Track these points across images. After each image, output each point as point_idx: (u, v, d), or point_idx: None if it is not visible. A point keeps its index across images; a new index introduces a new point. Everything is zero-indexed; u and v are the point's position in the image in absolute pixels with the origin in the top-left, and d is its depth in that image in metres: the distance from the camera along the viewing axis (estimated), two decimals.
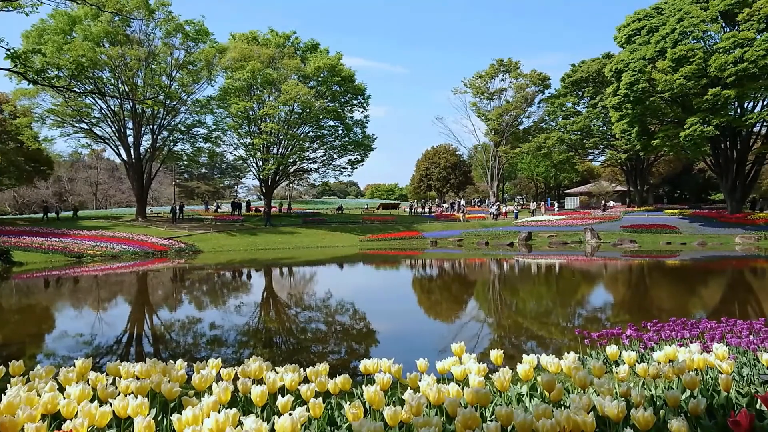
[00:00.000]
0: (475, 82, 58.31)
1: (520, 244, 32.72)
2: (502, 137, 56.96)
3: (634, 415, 2.49)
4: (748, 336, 5.98)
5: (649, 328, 6.60)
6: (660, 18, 35.86)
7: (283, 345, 9.38)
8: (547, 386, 3.03)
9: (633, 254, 26.79)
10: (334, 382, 3.36)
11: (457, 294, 16.25)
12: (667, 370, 3.39)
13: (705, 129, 31.69)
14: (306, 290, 17.08)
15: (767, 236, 30.34)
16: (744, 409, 2.27)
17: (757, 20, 31.10)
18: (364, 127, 45.46)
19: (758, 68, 29.51)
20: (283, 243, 33.25)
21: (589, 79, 50.51)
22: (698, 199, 60.50)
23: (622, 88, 34.88)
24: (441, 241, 35.22)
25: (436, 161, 73.44)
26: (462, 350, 3.87)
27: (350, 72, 42.80)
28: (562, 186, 70.98)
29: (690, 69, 31.52)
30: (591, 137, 51.12)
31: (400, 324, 11.29)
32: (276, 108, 39.66)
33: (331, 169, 47.39)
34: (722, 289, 16.17)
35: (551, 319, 11.75)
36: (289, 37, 43.63)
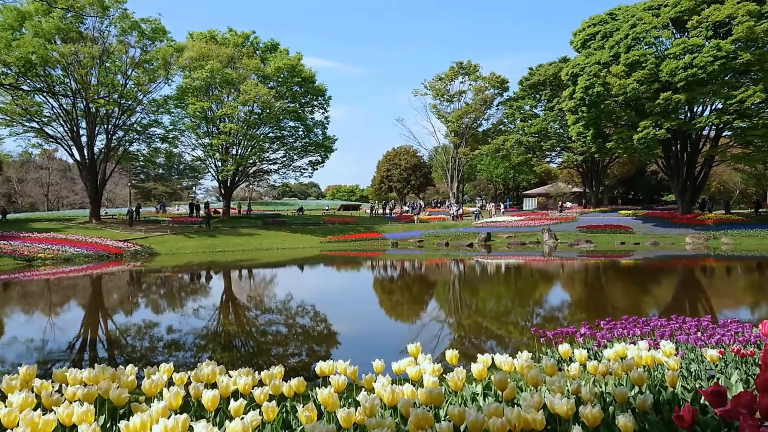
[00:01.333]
0: (435, 84, 58.76)
1: (480, 245, 33.07)
2: (461, 139, 57.53)
3: (583, 412, 2.54)
4: (696, 333, 6.17)
5: (603, 327, 6.76)
6: (614, 24, 36.78)
7: (243, 348, 9.26)
8: (499, 385, 3.07)
9: (589, 254, 27.38)
10: (289, 385, 3.33)
11: (417, 295, 16.32)
12: (616, 367, 3.47)
13: (657, 132, 32.63)
14: (266, 292, 16.90)
15: (716, 236, 31.41)
16: (687, 404, 2.33)
17: (705, 27, 32.18)
18: (325, 128, 45.35)
19: (706, 74, 30.52)
20: (243, 245, 32.85)
21: (547, 83, 51.52)
22: (651, 200, 62.29)
23: (578, 92, 35.64)
24: (401, 242, 35.34)
25: (397, 162, 73.65)
26: (418, 351, 3.88)
27: (311, 73, 42.61)
28: (521, 187, 72.14)
29: (642, 74, 32.41)
30: (548, 139, 52.12)
31: (361, 325, 11.28)
32: (235, 108, 39.19)
33: (291, 170, 47.14)
34: (673, 288, 16.65)
35: (510, 319, 11.91)
36: (248, 36, 43.19)
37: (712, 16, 31.72)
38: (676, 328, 6.58)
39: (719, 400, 2.31)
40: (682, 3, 33.65)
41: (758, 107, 32.89)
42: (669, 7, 34.44)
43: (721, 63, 30.05)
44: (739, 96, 30.64)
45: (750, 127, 32.35)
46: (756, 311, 12.51)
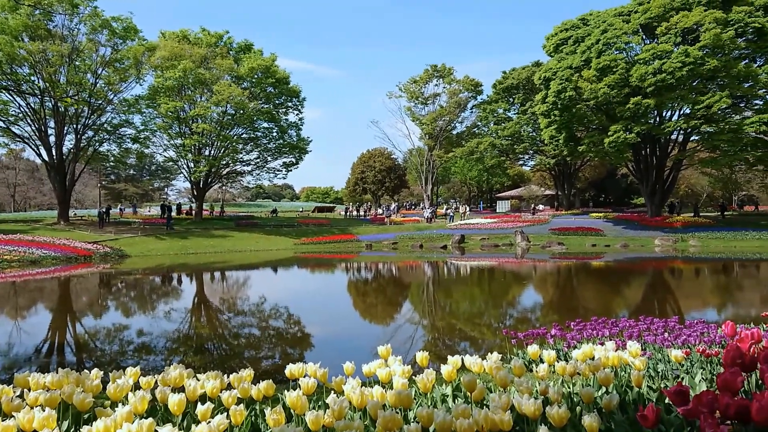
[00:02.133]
0: (409, 86, 58.93)
1: (454, 247, 33.23)
2: (436, 141, 57.78)
3: (549, 413, 2.57)
4: (663, 333, 6.28)
5: (573, 328, 6.84)
6: (586, 29, 37.31)
7: (215, 351, 9.16)
8: (468, 386, 3.08)
9: (561, 256, 27.70)
10: (258, 388, 3.30)
11: (392, 297, 16.34)
12: (584, 368, 3.51)
13: (627, 136, 33.18)
14: (239, 295, 16.75)
15: (683, 238, 32.04)
16: (651, 404, 2.37)
17: (674, 34, 32.84)
18: (299, 130, 45.16)
19: (675, 79, 31.14)
20: (216, 246, 32.51)
21: (520, 86, 52.06)
22: (621, 202, 63.37)
23: (551, 96, 36.06)
24: (376, 244, 35.34)
25: (372, 165, 73.75)
26: (388, 353, 3.88)
27: (285, 74, 42.41)
28: (494, 190, 72.74)
29: (613, 78, 32.93)
30: (521, 142, 52.66)
31: (335, 327, 11.24)
32: (208, 109, 38.80)
33: (265, 171, 46.84)
34: (642, 289, 16.93)
35: (483, 320, 11.99)
36: (221, 36, 42.83)
37: (680, 23, 32.38)
38: (644, 329, 6.69)
39: (682, 399, 2.35)
40: (651, 10, 34.29)
41: (724, 112, 33.64)
42: (639, 14, 35.07)
43: (689, 69, 30.68)
44: (707, 101, 31.32)
45: (717, 132, 33.07)
46: (722, 312, 12.78)
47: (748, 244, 30.07)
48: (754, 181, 54.31)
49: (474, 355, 3.82)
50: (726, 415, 2.16)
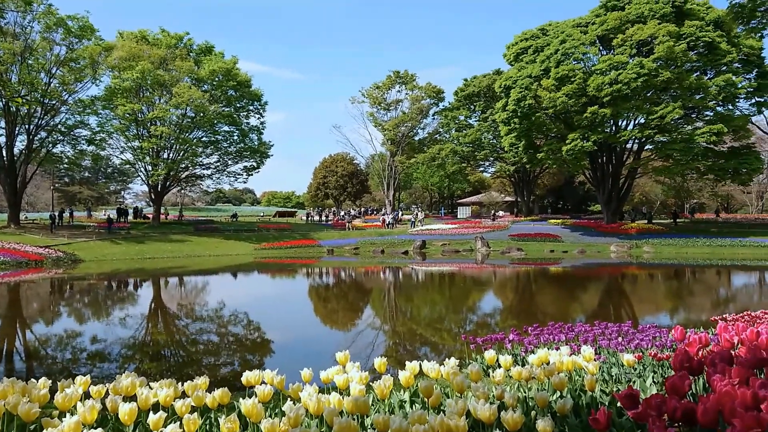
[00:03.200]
0: (372, 92, 59.07)
1: (415, 252, 33.38)
2: (398, 147, 58.03)
3: (504, 417, 2.59)
4: (617, 338, 6.42)
5: (530, 333, 6.94)
6: (545, 39, 38.06)
7: (172, 358, 8.99)
8: (425, 392, 3.10)
9: (520, 261, 28.10)
10: (213, 396, 3.24)
11: (353, 302, 16.31)
12: (539, 372, 3.57)
13: (584, 144, 33.93)
14: (198, 300, 16.46)
15: (638, 245, 32.88)
16: (603, 407, 2.42)
17: (629, 46, 33.78)
18: (261, 134, 44.75)
19: (630, 90, 32.01)
20: (174, 251, 31.91)
21: (481, 94, 52.71)
22: (579, 209, 64.68)
23: (511, 104, 36.62)
24: (337, 249, 35.25)
25: (334, 169, 73.56)
26: (347, 359, 3.87)
27: (246, 77, 42.01)
28: (455, 196, 73.36)
29: (571, 88, 33.64)
30: (482, 149, 53.29)
31: (295, 333, 11.16)
32: (167, 111, 38.12)
33: (225, 175, 46.22)
34: (599, 294, 17.31)
35: (444, 326, 12.06)
36: (181, 38, 42.15)
37: (635, 35, 33.33)
38: (599, 334, 6.82)
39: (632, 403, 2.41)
40: (608, 22, 35.21)
41: (677, 123, 34.73)
42: (596, 25, 35.98)
43: (643, 80, 31.58)
44: (660, 112, 32.29)
45: (669, 142, 34.09)
46: (675, 316, 13.17)
47: (698, 251, 31.05)
48: (704, 189, 56.12)
49: (434, 360, 3.84)
50: (673, 417, 2.21)
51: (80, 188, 73.45)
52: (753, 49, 34.15)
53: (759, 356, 3.04)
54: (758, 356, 3.04)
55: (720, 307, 13.71)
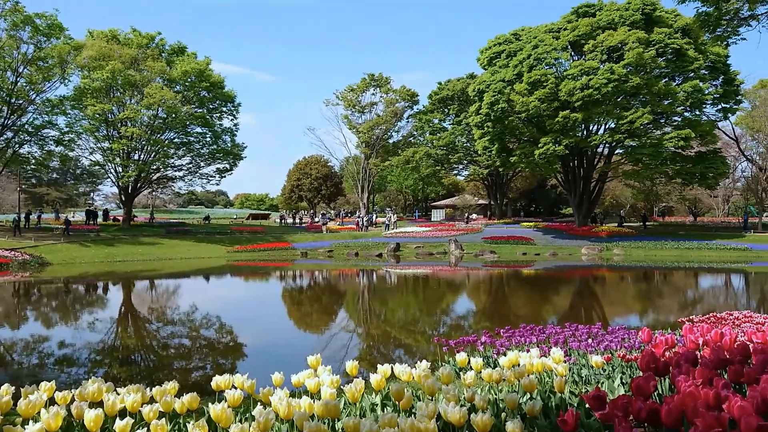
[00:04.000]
0: (346, 95, 59.01)
1: (389, 255, 33.40)
2: (372, 150, 58.06)
3: (474, 419, 2.61)
4: (587, 340, 6.51)
5: (502, 335, 6.99)
6: (518, 44, 38.44)
7: (142, 363, 8.87)
8: (396, 395, 3.10)
9: (493, 264, 28.31)
10: (182, 401, 3.20)
11: (327, 305, 16.26)
12: (509, 374, 3.60)
13: (556, 148, 34.35)
14: (169, 304, 16.24)
15: (608, 248, 33.38)
16: (571, 409, 2.45)
17: (600, 52, 34.33)
18: (234, 135, 44.33)
19: (601, 95, 32.51)
20: (144, 254, 31.42)
21: (455, 98, 53.08)
22: (551, 212, 65.49)
23: (484, 108, 36.91)
24: (311, 252, 35.09)
25: (308, 172, 73.30)
26: (318, 362, 3.85)
27: (220, 78, 41.61)
28: (429, 198, 73.68)
29: (543, 92, 34.04)
30: (456, 152, 53.65)
31: (269, 337, 11.08)
32: (138, 112, 37.55)
33: (197, 177, 45.62)
34: (570, 296, 17.52)
35: (418, 328, 12.10)
36: (153, 38, 41.57)
37: (606, 41, 33.89)
38: (570, 335, 6.91)
39: (599, 403, 2.44)
40: (579, 28, 35.74)
41: (646, 128, 35.38)
42: (568, 31, 36.50)
43: (614, 85, 32.11)
44: (630, 117, 32.87)
45: (639, 146, 34.70)
46: (644, 318, 13.40)
47: (667, 253, 31.63)
48: (673, 193, 57.24)
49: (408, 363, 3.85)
50: (639, 418, 2.25)
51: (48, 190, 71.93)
52: (719, 57, 34.98)
53: (722, 357, 3.12)
54: (721, 357, 3.11)
55: (687, 309, 14.00)
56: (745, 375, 2.81)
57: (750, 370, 2.84)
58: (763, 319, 7.72)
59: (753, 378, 2.75)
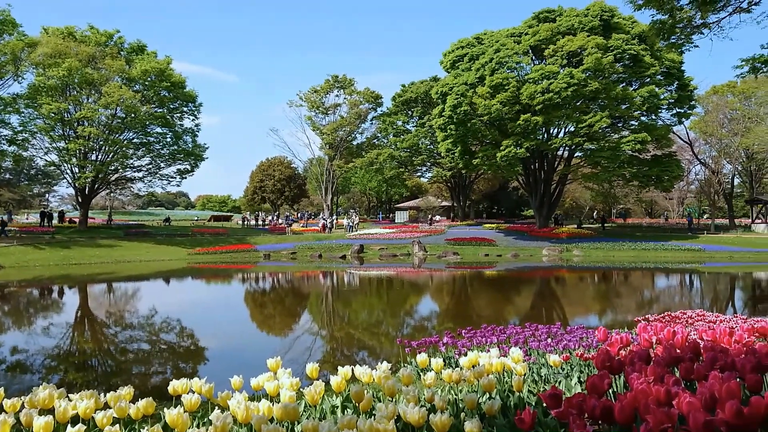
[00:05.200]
0: (310, 96, 58.75)
1: (353, 257, 33.36)
2: (336, 152, 57.93)
3: (433, 420, 2.63)
4: (546, 339, 6.61)
5: (464, 335, 7.05)
6: (480, 47, 38.89)
7: (99, 368, 8.66)
8: (356, 397, 3.10)
9: (456, 265, 28.53)
10: (137, 406, 3.13)
11: (290, 307, 16.13)
12: (469, 374, 3.63)
13: (518, 151, 34.85)
14: (128, 307, 15.89)
15: (568, 249, 34.00)
16: (528, 407, 2.49)
17: (560, 56, 34.98)
18: (195, 136, 43.66)
19: (561, 99, 33.12)
20: (102, 257, 30.67)
21: (418, 100, 53.37)
22: (513, 214, 66.39)
23: (447, 110, 37.21)
24: (274, 254, 34.78)
25: (271, 173, 72.67)
26: (278, 365, 3.82)
27: (181, 78, 40.94)
28: (393, 200, 73.88)
29: (505, 96, 34.50)
30: (419, 155, 53.96)
31: (231, 340, 10.94)
32: (96, 111, 36.65)
33: (158, 178, 44.72)
34: (531, 297, 17.79)
35: (381, 330, 12.11)
36: (111, 36, 40.66)
37: (566, 46, 34.55)
38: (529, 335, 7.01)
39: (555, 402, 2.49)
40: (540, 33, 36.36)
41: (604, 131, 36.20)
42: (529, 36, 37.08)
43: (573, 90, 32.75)
44: (589, 120, 33.57)
45: (597, 149, 35.47)
46: (603, 317, 13.69)
47: (624, 254, 32.39)
48: (630, 195, 58.70)
49: (372, 364, 3.85)
50: (592, 416, 2.30)
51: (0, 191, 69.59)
52: (674, 63, 36.05)
53: (674, 355, 3.21)
54: (673, 355, 3.20)
55: (644, 308, 14.34)
56: (695, 372, 2.90)
57: (700, 367, 2.92)
58: (714, 318, 7.96)
59: (702, 375, 2.83)
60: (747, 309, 14.28)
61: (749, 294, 18.38)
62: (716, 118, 44.68)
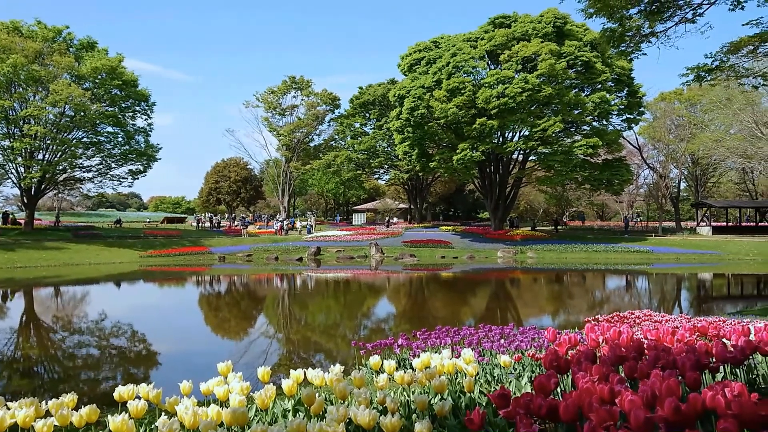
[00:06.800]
0: (267, 97, 58.21)
1: (310, 259, 33.19)
2: (293, 153, 57.54)
3: (383, 422, 2.63)
4: (499, 340, 6.70)
5: (419, 337, 7.08)
6: (437, 51, 39.26)
7: (46, 375, 8.39)
8: (307, 400, 3.08)
9: (413, 267, 28.70)
10: (80, 414, 3.04)
11: (246, 311, 15.94)
12: (421, 376, 3.65)
13: (473, 154, 35.30)
14: (76, 312, 15.41)
15: (522, 251, 34.60)
16: (477, 408, 2.52)
17: (515, 62, 35.59)
18: (148, 136, 42.70)
19: (516, 103, 33.69)
20: (49, 260, 29.68)
21: (376, 102, 53.51)
22: (469, 216, 67.20)
23: (404, 113, 37.43)
24: (229, 256, 34.31)
25: (227, 174, 71.59)
26: (228, 369, 3.76)
27: (133, 76, 39.98)
28: (351, 202, 73.82)
29: (461, 99, 34.91)
30: (377, 157, 54.11)
31: (184, 345, 10.73)
32: (43, 109, 35.44)
33: (108, 179, 43.52)
34: (486, 298, 18.03)
35: (338, 332, 12.09)
36: (60, 31, 39.40)
37: (521, 52, 35.18)
38: (483, 336, 7.09)
39: (504, 402, 2.53)
40: (495, 38, 36.93)
41: (558, 135, 37.03)
42: (485, 41, 37.62)
43: (528, 94, 33.37)
44: (543, 125, 34.27)
45: (551, 153, 36.24)
46: (555, 318, 13.97)
47: (576, 256, 33.16)
48: (582, 198, 60.13)
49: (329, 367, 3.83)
50: (539, 415, 2.35)
51: None
52: (624, 70, 37.12)
53: (619, 354, 3.30)
54: (618, 354, 3.29)
55: (595, 309, 14.70)
56: (638, 371, 2.99)
57: (643, 365, 3.02)
58: (660, 318, 8.21)
59: (645, 373, 2.92)
60: (692, 309, 14.81)
61: (694, 294, 19.06)
62: (664, 124, 46.26)
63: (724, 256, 31.53)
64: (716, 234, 40.84)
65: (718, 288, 20.68)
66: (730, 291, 19.79)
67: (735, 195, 58.75)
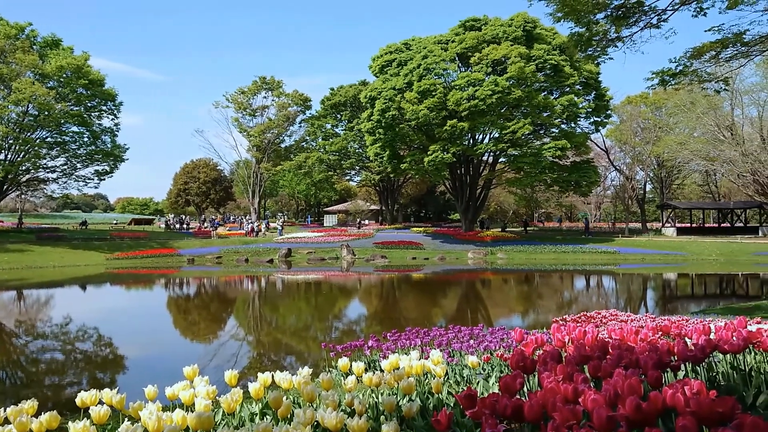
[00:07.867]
0: (237, 97, 57.67)
1: (280, 261, 32.99)
2: (264, 154, 57.11)
3: (350, 424, 2.63)
4: (469, 341, 6.75)
5: (389, 338, 7.10)
6: (408, 53, 39.38)
7: (8, 380, 8.18)
8: (274, 403, 3.06)
9: (384, 269, 28.73)
10: (39, 420, 2.97)
11: (215, 313, 15.77)
12: (389, 377, 3.66)
13: (444, 156, 35.49)
14: (40, 316, 15.06)
15: (493, 251, 34.90)
16: (444, 408, 2.53)
17: (485, 64, 35.88)
18: (115, 136, 41.97)
19: (486, 105, 33.96)
20: (11, 262, 28.94)
21: (347, 104, 53.45)
22: (440, 218, 67.49)
23: (375, 115, 37.46)
24: (199, 258, 33.89)
25: (196, 175, 70.68)
26: (195, 373, 3.71)
27: (100, 75, 39.26)
28: (322, 204, 73.55)
29: (432, 101, 35.07)
30: (348, 158, 54.06)
31: (152, 349, 10.57)
32: (5, 108, 34.56)
33: (74, 179, 42.67)
34: (457, 299, 18.15)
35: (309, 334, 12.05)
36: (23, 28, 38.45)
37: (491, 54, 35.49)
38: (453, 337, 7.13)
39: (470, 402, 2.55)
40: (466, 41, 37.20)
41: (527, 138, 37.46)
42: (455, 43, 37.87)
43: (498, 97, 33.68)
44: (512, 127, 34.63)
45: (521, 155, 36.64)
46: (525, 318, 14.13)
47: (546, 257, 33.59)
48: (551, 200, 60.94)
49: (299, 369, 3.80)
50: (504, 415, 2.37)
51: None
52: (592, 74, 37.72)
53: (584, 354, 3.35)
54: (583, 354, 3.34)
55: (563, 309, 14.92)
56: (602, 370, 3.04)
57: (606, 365, 3.07)
58: (626, 317, 8.37)
59: (608, 372, 2.97)
60: (657, 308, 15.12)
61: (659, 294, 19.47)
62: (630, 127, 47.16)
63: (688, 256, 32.27)
64: (681, 235, 41.76)
65: (683, 288, 21.16)
66: (693, 291, 20.27)
67: (699, 197, 60.14)
